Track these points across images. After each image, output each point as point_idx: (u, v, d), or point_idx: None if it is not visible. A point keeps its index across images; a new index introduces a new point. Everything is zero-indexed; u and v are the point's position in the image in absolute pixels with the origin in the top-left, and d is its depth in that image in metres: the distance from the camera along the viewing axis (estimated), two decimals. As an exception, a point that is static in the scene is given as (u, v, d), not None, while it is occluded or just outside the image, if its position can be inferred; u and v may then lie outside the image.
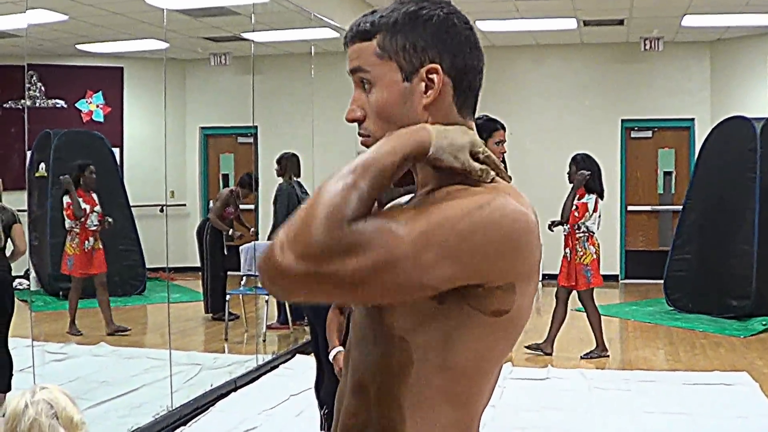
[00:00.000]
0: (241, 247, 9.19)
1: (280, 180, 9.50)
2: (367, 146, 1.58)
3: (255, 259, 8.87)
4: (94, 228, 8.51)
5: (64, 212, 8.52)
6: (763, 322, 9.41)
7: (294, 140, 12.15)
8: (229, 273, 9.74)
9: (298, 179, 9.52)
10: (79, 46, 11.15)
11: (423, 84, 1.56)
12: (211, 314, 9.58)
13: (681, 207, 10.90)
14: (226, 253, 9.74)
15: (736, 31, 12.05)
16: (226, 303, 8.93)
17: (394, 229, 1.39)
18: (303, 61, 10.79)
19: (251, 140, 11.21)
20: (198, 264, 10.04)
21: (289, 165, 9.53)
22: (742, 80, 12.46)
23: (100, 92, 11.92)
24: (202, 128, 13.59)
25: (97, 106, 11.92)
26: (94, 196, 8.67)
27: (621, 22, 11.68)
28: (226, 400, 6.70)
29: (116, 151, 11.26)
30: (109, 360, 7.83)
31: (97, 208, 8.57)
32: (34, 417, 2.46)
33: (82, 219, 8.39)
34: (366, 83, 1.59)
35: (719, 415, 6.28)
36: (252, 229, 10.07)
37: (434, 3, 1.59)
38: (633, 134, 13.28)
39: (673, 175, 13.18)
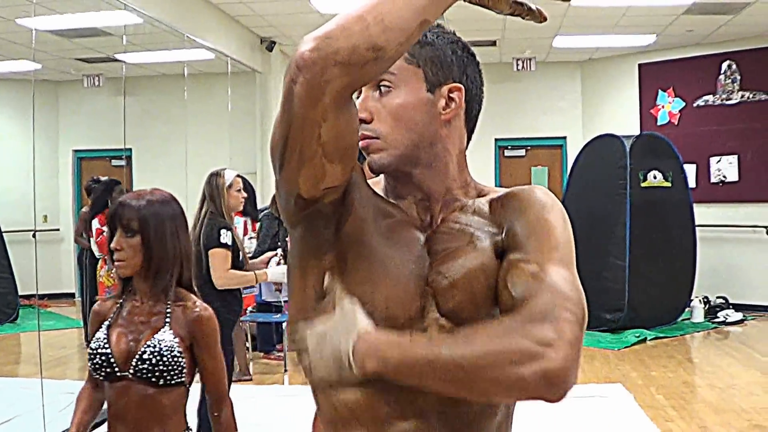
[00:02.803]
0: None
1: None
2: (370, 149, 1.59)
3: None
4: None
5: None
6: (636, 335, 9.67)
7: (168, 162, 11.98)
8: (107, 300, 9.44)
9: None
10: (-57, 67, 10.81)
11: (443, 100, 1.62)
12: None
13: (555, 223, 11.06)
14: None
15: (605, 51, 12.39)
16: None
17: None
18: (176, 82, 10.67)
19: (125, 163, 11.02)
20: (73, 290, 9.76)
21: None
22: (612, 99, 12.82)
23: (-33, 114, 11.58)
24: (76, 151, 13.26)
25: (-36, 129, 11.56)
26: None
27: (494, 43, 11.87)
28: (100, 429, 6.50)
29: (-16, 175, 10.94)
30: (-23, 391, 7.54)
31: None
32: None
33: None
34: (384, 85, 1.59)
35: (595, 427, 6.41)
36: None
37: (453, 34, 1.70)
38: (507, 153, 13.51)
39: (547, 192, 13.41)
